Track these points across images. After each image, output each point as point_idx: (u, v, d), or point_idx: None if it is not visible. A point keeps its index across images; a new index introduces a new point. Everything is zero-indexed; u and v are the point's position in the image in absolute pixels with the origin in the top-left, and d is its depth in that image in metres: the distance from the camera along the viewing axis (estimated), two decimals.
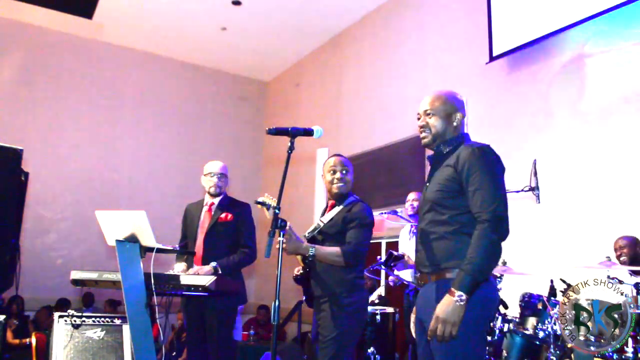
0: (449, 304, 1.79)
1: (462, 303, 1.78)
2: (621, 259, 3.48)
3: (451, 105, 2.10)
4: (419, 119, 2.13)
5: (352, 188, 2.89)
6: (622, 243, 3.51)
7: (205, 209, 3.47)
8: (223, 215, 3.39)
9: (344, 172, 2.83)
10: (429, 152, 2.19)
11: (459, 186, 1.95)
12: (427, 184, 2.11)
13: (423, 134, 2.11)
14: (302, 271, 2.85)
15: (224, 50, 8.43)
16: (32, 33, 7.76)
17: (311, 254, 2.63)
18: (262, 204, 2.50)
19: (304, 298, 2.90)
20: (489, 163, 1.94)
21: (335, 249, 2.66)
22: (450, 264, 1.92)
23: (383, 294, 5.13)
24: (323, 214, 2.88)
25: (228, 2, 6.94)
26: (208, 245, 3.35)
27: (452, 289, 1.80)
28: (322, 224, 2.81)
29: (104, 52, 8.28)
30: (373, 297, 4.76)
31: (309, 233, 2.84)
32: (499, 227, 1.85)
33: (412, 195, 4.48)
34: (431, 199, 2.01)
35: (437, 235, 1.97)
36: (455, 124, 2.10)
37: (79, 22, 7.61)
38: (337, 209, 2.81)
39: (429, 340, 1.89)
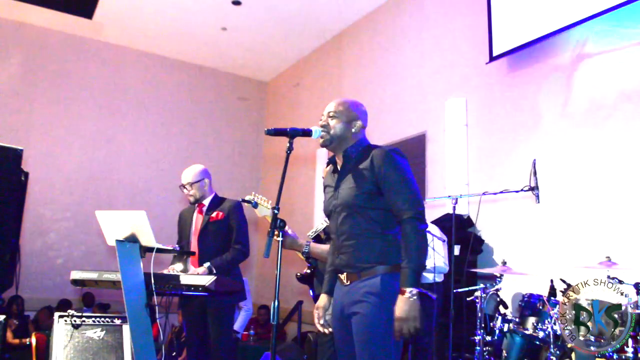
0: (405, 303, 1.92)
1: (415, 297, 1.92)
2: None
3: (354, 113, 2.24)
4: (321, 119, 2.26)
5: None
6: None
7: (196, 211, 3.50)
8: (214, 214, 3.41)
9: None
10: (325, 153, 2.27)
11: (376, 187, 2.08)
12: (337, 188, 2.20)
13: (322, 133, 2.22)
14: (308, 271, 2.88)
15: (224, 50, 8.43)
16: (32, 33, 7.76)
17: (305, 250, 2.67)
18: (248, 202, 2.56)
19: (312, 297, 2.94)
20: (402, 164, 2.11)
21: (328, 246, 2.68)
22: (378, 262, 2.05)
23: None
24: None
25: (228, 2, 6.94)
26: (202, 245, 3.37)
27: (403, 288, 1.94)
28: (325, 224, 2.84)
29: (104, 52, 8.27)
30: None
31: (313, 232, 2.87)
32: (423, 220, 2.03)
33: None
34: (350, 202, 2.11)
35: (363, 237, 2.09)
36: (354, 130, 2.22)
37: (79, 22, 7.60)
38: None
39: (355, 340, 2.02)
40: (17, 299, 6.04)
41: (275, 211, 2.07)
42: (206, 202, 3.49)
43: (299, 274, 2.93)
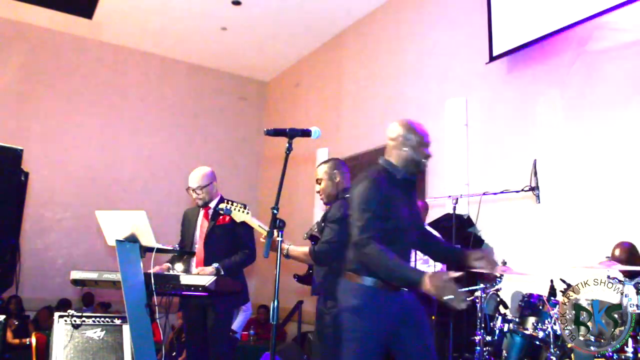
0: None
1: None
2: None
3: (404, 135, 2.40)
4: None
5: (341, 188, 2.89)
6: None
7: (202, 213, 3.48)
8: (220, 218, 3.39)
9: (320, 183, 2.93)
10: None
11: None
12: (411, 209, 2.34)
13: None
14: (307, 272, 2.91)
15: (224, 50, 8.43)
16: (32, 33, 7.76)
17: (285, 253, 2.70)
18: (221, 209, 2.67)
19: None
20: None
21: (305, 248, 2.71)
22: None
23: None
24: None
25: (228, 2, 6.94)
26: (208, 249, 3.35)
27: None
28: (316, 226, 2.88)
29: (104, 52, 8.28)
30: None
31: (306, 234, 2.89)
32: None
33: None
34: (420, 225, 2.45)
35: None
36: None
37: (79, 22, 7.60)
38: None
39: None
40: (14, 297, 6.04)
41: (275, 211, 2.07)
42: (212, 204, 3.46)
43: (296, 275, 2.96)
